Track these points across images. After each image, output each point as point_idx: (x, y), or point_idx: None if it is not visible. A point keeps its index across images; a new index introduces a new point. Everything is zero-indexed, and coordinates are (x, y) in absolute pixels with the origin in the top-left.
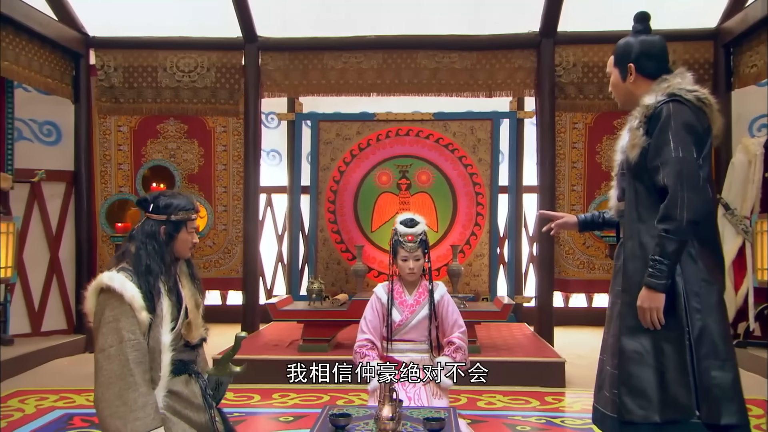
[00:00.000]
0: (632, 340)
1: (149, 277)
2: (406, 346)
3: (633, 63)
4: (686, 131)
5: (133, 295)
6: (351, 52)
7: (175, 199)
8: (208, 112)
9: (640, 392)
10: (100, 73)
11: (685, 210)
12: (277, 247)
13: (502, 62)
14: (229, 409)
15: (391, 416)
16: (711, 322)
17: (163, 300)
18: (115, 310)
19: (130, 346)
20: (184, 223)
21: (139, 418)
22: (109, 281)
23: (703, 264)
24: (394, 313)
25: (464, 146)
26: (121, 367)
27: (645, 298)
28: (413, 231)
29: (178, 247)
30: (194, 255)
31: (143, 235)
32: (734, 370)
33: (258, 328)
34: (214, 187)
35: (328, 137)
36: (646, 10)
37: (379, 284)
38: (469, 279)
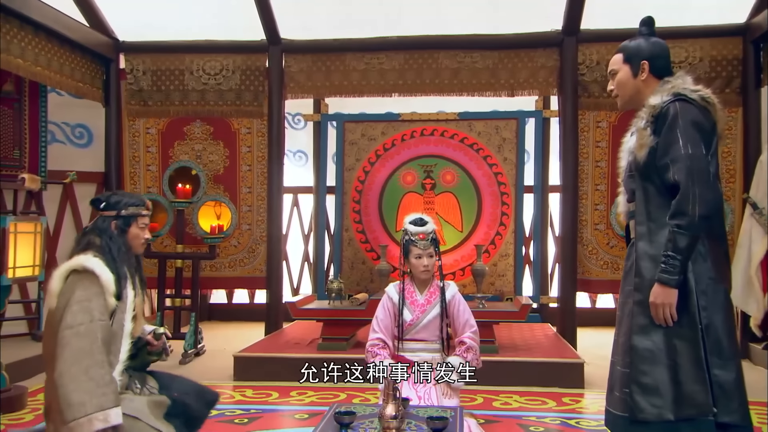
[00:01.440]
0: (644, 338)
1: (117, 263)
2: (417, 346)
3: (648, 60)
4: (694, 128)
5: (108, 279)
6: (373, 53)
7: (125, 197)
8: (233, 114)
9: (653, 390)
10: (129, 77)
11: (697, 205)
12: (303, 246)
13: (524, 61)
14: (247, 406)
15: (395, 415)
16: (716, 321)
17: (128, 288)
18: (88, 291)
19: (99, 326)
20: (134, 218)
21: (105, 394)
22: (87, 264)
23: (711, 262)
24: (405, 312)
25: (489, 146)
26: (91, 345)
27: (658, 293)
28: (424, 229)
29: (130, 241)
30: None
31: (99, 230)
32: (737, 370)
33: (281, 327)
34: (239, 187)
35: (354, 138)
36: (651, 16)
37: (391, 284)
38: (494, 279)
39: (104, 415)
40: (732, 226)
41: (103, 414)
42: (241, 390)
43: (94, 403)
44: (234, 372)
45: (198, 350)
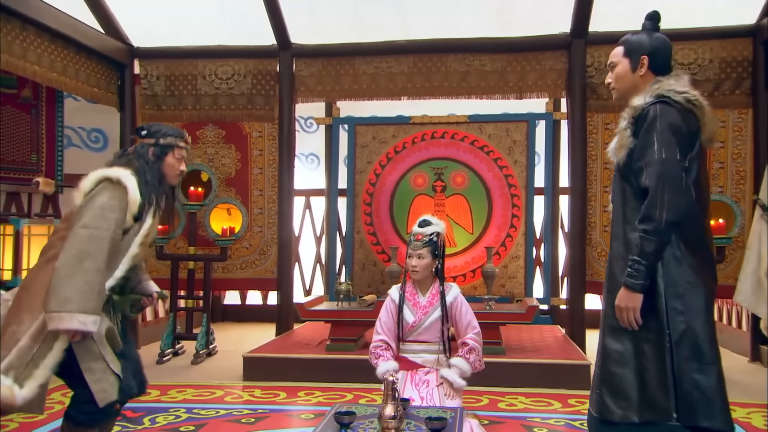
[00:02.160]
0: (615, 340)
1: (148, 188)
2: (419, 347)
3: (647, 55)
4: (671, 132)
5: (134, 199)
6: (382, 57)
7: (165, 127)
8: (245, 118)
9: (621, 392)
10: (143, 82)
11: (665, 211)
12: (315, 248)
13: (532, 64)
14: (254, 406)
15: (394, 415)
16: (695, 325)
17: (149, 214)
18: (113, 201)
19: (112, 237)
20: (172, 148)
21: (93, 300)
22: (123, 178)
23: (688, 266)
24: (407, 314)
25: (499, 148)
26: (99, 251)
27: (622, 297)
28: (422, 231)
29: (165, 170)
30: (231, 256)
31: (137, 154)
32: (717, 374)
33: (292, 328)
34: (251, 190)
35: (365, 141)
36: (657, 10)
37: (394, 286)
38: (504, 281)
39: (84, 318)
40: (742, 228)
41: (84, 317)
42: (250, 390)
43: (80, 304)
44: (243, 372)
45: (210, 350)
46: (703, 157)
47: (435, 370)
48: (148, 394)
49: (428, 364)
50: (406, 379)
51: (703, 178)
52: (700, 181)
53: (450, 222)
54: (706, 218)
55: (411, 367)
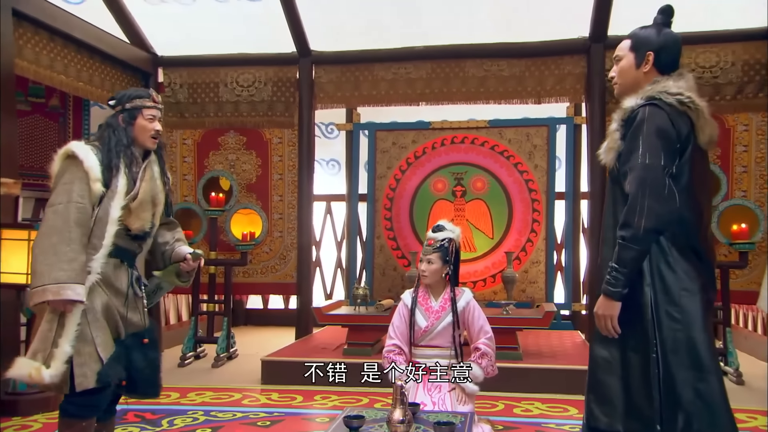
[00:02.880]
0: (602, 347)
1: (110, 154)
2: (431, 352)
3: (653, 52)
4: (657, 137)
5: (91, 166)
6: (400, 63)
7: (129, 91)
8: (265, 125)
9: (607, 400)
10: (167, 90)
11: (644, 218)
12: (336, 252)
13: (551, 68)
14: (270, 409)
15: (402, 419)
16: (693, 333)
17: (120, 178)
18: (73, 175)
19: (75, 207)
20: (139, 110)
21: (63, 270)
22: (74, 148)
23: (683, 272)
24: (419, 318)
25: (520, 153)
26: (63, 223)
27: (600, 305)
28: (435, 236)
29: (138, 134)
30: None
31: (106, 124)
32: (719, 383)
33: (311, 332)
34: (271, 195)
35: (385, 146)
36: (671, 5)
37: (407, 291)
38: (525, 286)
39: (58, 287)
40: (766, 233)
41: (57, 287)
42: (268, 393)
43: (52, 276)
44: (262, 376)
45: (230, 354)
46: (699, 161)
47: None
48: (168, 396)
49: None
50: (418, 384)
51: (699, 183)
52: (693, 185)
53: (470, 227)
54: (701, 223)
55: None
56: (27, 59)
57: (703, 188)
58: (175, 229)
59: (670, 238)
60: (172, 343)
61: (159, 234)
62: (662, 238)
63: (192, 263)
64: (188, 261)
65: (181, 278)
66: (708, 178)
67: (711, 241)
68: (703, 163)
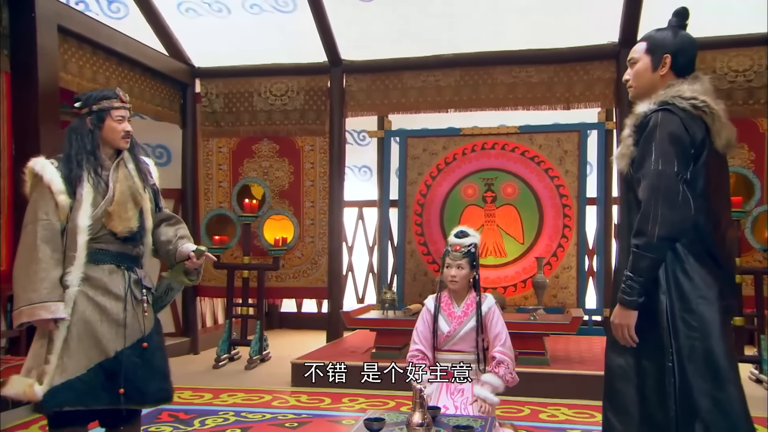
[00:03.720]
0: (617, 355)
1: (70, 164)
2: (454, 357)
3: (670, 55)
4: (670, 143)
5: (51, 179)
6: (429, 71)
7: (96, 92)
8: (298, 133)
9: (623, 408)
10: (204, 100)
11: (658, 226)
12: (368, 257)
13: (580, 74)
14: (299, 411)
15: (421, 422)
16: (711, 342)
17: (84, 187)
18: (38, 192)
19: (41, 225)
20: (107, 111)
21: (36, 290)
22: (33, 164)
23: (700, 280)
24: (442, 323)
25: (550, 158)
26: (32, 242)
27: (616, 314)
28: (460, 241)
29: (107, 135)
30: (284, 265)
31: (70, 130)
32: (739, 393)
33: (342, 335)
34: (303, 201)
35: (416, 153)
36: (686, 7)
37: (430, 296)
38: (556, 291)
39: (31, 309)
40: None
41: (30, 308)
42: (297, 395)
43: (24, 297)
44: (292, 378)
45: (263, 357)
46: (716, 166)
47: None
48: (201, 397)
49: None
50: (441, 388)
51: (716, 188)
52: (709, 191)
53: (500, 232)
54: (719, 229)
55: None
56: (71, 73)
57: (720, 194)
58: (177, 225)
59: (687, 245)
60: (208, 345)
61: (162, 232)
62: (678, 245)
63: (196, 261)
64: (192, 259)
65: (189, 276)
66: (726, 183)
67: (730, 247)
68: (720, 168)
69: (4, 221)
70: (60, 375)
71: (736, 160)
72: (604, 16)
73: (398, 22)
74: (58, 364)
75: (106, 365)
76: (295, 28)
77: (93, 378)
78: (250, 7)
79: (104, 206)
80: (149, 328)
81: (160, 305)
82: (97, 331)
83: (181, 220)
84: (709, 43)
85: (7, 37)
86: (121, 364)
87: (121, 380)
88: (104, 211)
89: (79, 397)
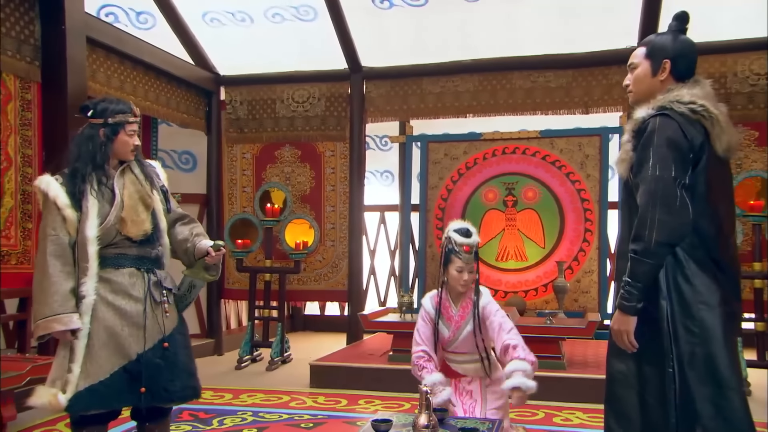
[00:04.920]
0: (618, 361)
1: (74, 179)
2: (460, 358)
3: (670, 60)
4: (668, 147)
5: (56, 195)
6: (448, 77)
7: (112, 104)
8: (319, 138)
9: (624, 414)
10: (228, 107)
11: (655, 231)
12: (390, 261)
13: (598, 78)
14: (315, 412)
15: (427, 424)
16: (712, 348)
17: (88, 198)
18: (46, 209)
19: (50, 241)
20: (122, 125)
21: (48, 304)
22: (38, 182)
23: (701, 285)
24: (442, 328)
25: (571, 162)
26: (43, 258)
27: (615, 320)
28: (470, 241)
29: (118, 148)
30: (306, 269)
31: (80, 139)
32: (742, 400)
33: (362, 338)
34: (324, 206)
35: (437, 157)
36: (686, 11)
37: (427, 295)
38: (577, 295)
39: (45, 322)
40: None
41: (44, 321)
42: (314, 397)
43: (39, 311)
44: (310, 379)
45: (284, 358)
46: (718, 170)
47: (478, 378)
48: (222, 397)
49: (469, 373)
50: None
51: (718, 192)
52: (710, 195)
53: (521, 236)
54: (722, 234)
55: (454, 376)
56: (99, 82)
57: (722, 198)
58: (192, 224)
59: (688, 250)
60: (232, 346)
61: (177, 232)
62: (679, 250)
63: (215, 256)
64: (211, 254)
65: (209, 272)
66: (729, 187)
67: (734, 252)
68: (722, 173)
69: (36, 226)
70: (84, 380)
71: (758, 164)
72: (623, 20)
73: (417, 29)
74: (82, 370)
75: (128, 368)
76: (316, 36)
77: (116, 381)
78: (272, 17)
79: (116, 212)
80: (170, 328)
81: (185, 303)
82: (119, 336)
83: (194, 219)
84: (730, 47)
85: (38, 48)
86: (142, 365)
87: (143, 380)
88: (117, 217)
89: (102, 400)
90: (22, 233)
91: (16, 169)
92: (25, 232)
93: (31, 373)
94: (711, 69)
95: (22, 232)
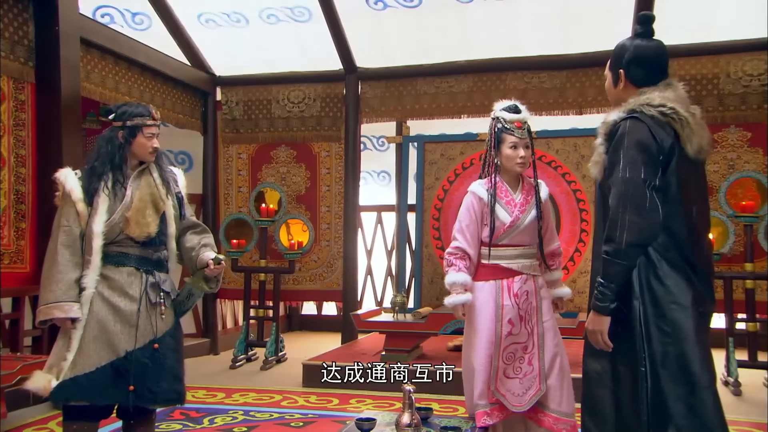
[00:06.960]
0: (594, 361)
1: (91, 176)
2: (513, 252)
3: (623, 69)
4: (638, 150)
5: (72, 188)
6: (443, 78)
7: (132, 107)
8: (314, 139)
9: (599, 413)
10: (224, 108)
11: (626, 233)
12: (386, 261)
13: (592, 80)
14: (306, 411)
15: (409, 423)
16: (685, 347)
17: (100, 195)
18: (63, 200)
19: (62, 231)
20: (140, 128)
21: (52, 291)
22: (58, 175)
23: (673, 285)
24: (501, 213)
25: (567, 163)
26: (54, 247)
27: (590, 320)
28: (521, 117)
29: (136, 150)
30: (301, 269)
31: (102, 139)
32: (714, 399)
33: (356, 338)
34: (319, 206)
35: (433, 158)
36: (650, 13)
37: (475, 182)
38: (573, 296)
39: (46, 308)
40: None
41: (46, 307)
42: (306, 396)
43: (43, 297)
44: (303, 379)
45: (279, 358)
46: (690, 171)
47: (532, 277)
48: (214, 396)
49: (525, 270)
50: (502, 291)
51: (691, 194)
52: (683, 197)
53: None
54: (695, 235)
55: (505, 275)
56: (94, 82)
57: (695, 199)
58: (203, 234)
59: (660, 251)
60: (228, 346)
61: (187, 239)
62: (651, 251)
63: (213, 269)
64: (210, 266)
65: (209, 284)
66: (703, 187)
67: (708, 252)
68: (695, 174)
69: (29, 226)
70: (71, 371)
71: (750, 164)
72: (617, 21)
73: (411, 30)
74: (71, 360)
75: (116, 364)
76: (311, 37)
77: (101, 376)
78: (267, 18)
79: (122, 212)
80: (162, 330)
81: (183, 310)
82: (110, 332)
83: (207, 229)
84: (723, 48)
85: (32, 49)
86: (130, 363)
87: (131, 379)
88: (122, 216)
89: (84, 392)
90: (16, 233)
91: (9, 169)
92: (19, 232)
93: (21, 371)
94: (704, 70)
95: (16, 232)
